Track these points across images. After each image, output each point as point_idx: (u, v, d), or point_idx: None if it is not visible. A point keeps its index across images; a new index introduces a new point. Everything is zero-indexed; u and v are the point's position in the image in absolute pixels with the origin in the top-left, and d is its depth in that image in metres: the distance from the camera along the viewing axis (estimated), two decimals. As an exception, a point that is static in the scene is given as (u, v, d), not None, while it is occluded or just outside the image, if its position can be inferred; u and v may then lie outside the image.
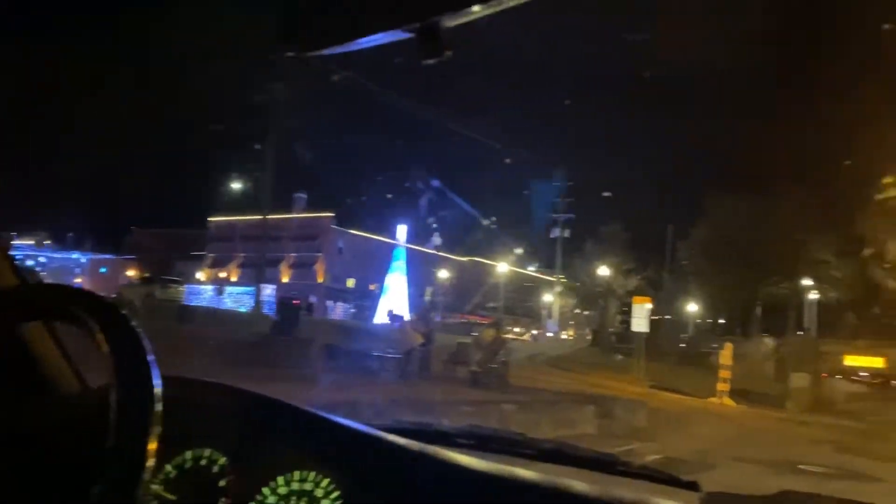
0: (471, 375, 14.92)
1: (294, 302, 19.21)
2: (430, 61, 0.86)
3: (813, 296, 35.11)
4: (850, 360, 30.23)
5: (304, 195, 52.22)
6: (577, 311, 53.70)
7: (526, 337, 47.30)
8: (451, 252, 54.09)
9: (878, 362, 31.20)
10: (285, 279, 49.71)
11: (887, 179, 29.50)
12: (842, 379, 32.31)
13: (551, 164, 45.90)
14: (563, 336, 51.86)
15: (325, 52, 0.96)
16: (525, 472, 1.13)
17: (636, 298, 29.39)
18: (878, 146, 26.16)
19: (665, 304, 44.59)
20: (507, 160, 41.04)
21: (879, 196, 29.71)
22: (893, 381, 32.33)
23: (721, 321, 43.05)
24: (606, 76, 48.56)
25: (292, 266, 51.72)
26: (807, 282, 34.77)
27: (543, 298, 55.58)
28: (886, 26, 22.21)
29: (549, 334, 49.82)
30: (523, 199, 47.29)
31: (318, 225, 51.41)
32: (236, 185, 44.61)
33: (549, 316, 53.09)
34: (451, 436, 1.49)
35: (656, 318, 44.99)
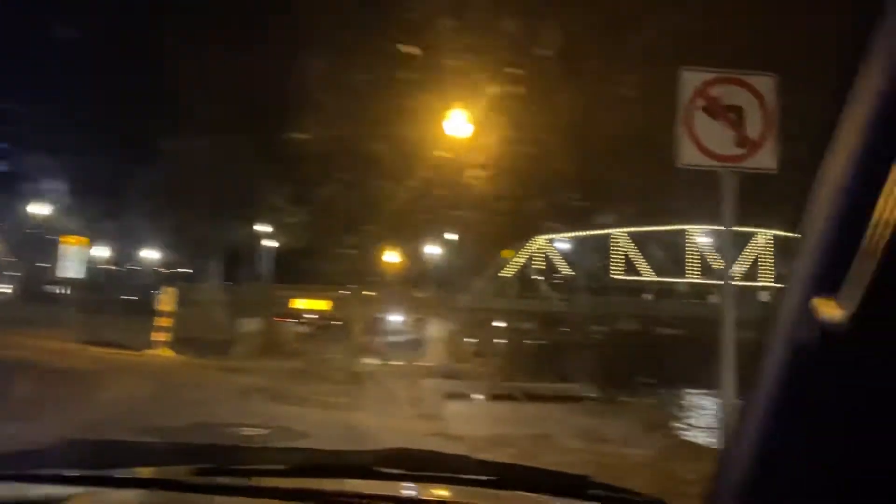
0: None
1: None
2: None
3: (269, 242, 35.67)
4: (298, 304, 31.67)
5: None
6: (16, 259, 45.36)
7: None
8: None
9: (324, 305, 33.40)
10: None
11: None
12: (292, 322, 33.84)
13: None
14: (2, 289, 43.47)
15: None
16: None
17: (65, 238, 24.84)
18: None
19: (125, 250, 40.56)
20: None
21: None
22: (335, 322, 35.32)
23: (186, 270, 41.07)
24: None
25: None
26: (264, 228, 35.07)
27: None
28: None
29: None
30: None
31: None
32: None
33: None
34: None
35: (107, 266, 40.77)
